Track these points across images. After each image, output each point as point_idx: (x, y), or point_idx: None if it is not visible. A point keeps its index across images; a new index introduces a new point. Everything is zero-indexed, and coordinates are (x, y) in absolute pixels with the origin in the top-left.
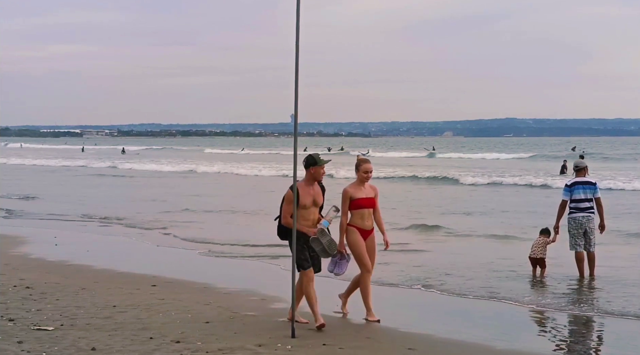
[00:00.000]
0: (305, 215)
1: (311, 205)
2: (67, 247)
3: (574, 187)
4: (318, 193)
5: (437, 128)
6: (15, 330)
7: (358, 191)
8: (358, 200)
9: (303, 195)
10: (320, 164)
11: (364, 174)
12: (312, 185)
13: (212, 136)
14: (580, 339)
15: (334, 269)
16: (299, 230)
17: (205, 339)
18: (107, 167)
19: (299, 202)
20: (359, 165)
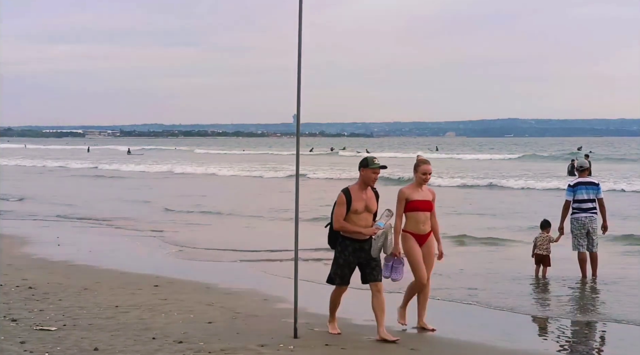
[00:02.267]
0: (356, 220)
1: (363, 210)
2: (70, 248)
3: (577, 188)
4: (371, 198)
5: (439, 128)
6: (17, 330)
7: (415, 193)
8: (414, 202)
9: (355, 200)
10: (370, 167)
11: (422, 176)
12: (364, 189)
13: (214, 137)
14: (583, 340)
15: (391, 275)
16: (356, 233)
17: (207, 339)
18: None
19: (350, 206)
20: (418, 166)
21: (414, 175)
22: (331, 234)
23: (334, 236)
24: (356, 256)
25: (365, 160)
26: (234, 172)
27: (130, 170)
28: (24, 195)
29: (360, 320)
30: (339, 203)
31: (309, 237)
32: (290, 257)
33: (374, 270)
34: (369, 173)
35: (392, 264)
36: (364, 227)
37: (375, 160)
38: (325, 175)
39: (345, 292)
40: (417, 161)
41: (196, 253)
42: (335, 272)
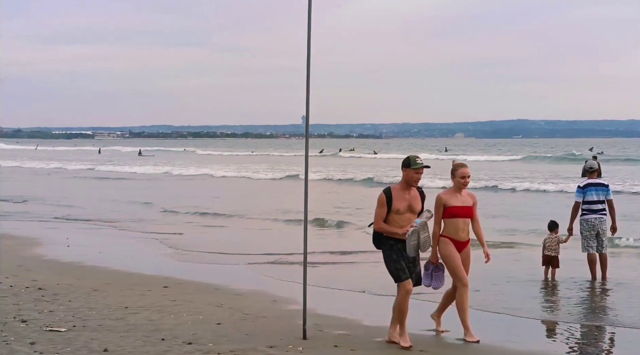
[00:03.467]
0: (399, 221)
1: (406, 210)
2: (79, 249)
3: (586, 189)
4: (415, 198)
5: (448, 129)
6: (27, 331)
7: (453, 198)
8: (452, 208)
9: (396, 199)
10: (413, 167)
11: (460, 180)
12: (408, 189)
13: (223, 138)
14: (593, 341)
15: (432, 283)
16: (391, 233)
17: (216, 340)
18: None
19: (392, 206)
20: (455, 170)
21: (451, 180)
22: (375, 234)
23: (378, 236)
24: (401, 256)
25: (407, 160)
26: (234, 173)
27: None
28: (34, 197)
29: (370, 321)
30: (379, 203)
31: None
32: (297, 260)
33: (414, 274)
34: (411, 173)
35: (432, 271)
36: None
37: (418, 160)
38: (316, 176)
39: (411, 294)
40: (454, 165)
41: (204, 254)
42: (396, 268)
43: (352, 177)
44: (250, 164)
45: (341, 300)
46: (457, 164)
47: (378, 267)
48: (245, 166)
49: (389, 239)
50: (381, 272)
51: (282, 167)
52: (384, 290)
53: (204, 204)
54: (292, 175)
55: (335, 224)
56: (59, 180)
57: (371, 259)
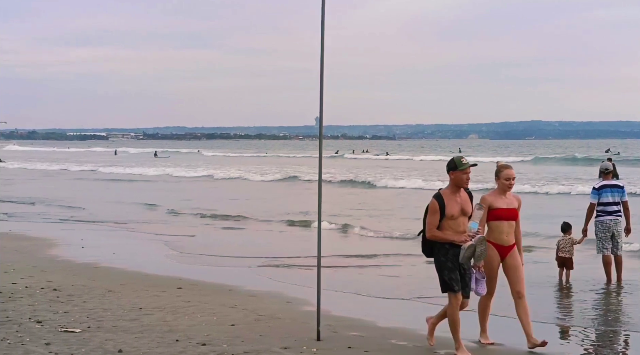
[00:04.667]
0: (453, 226)
1: (459, 214)
2: (94, 250)
3: (601, 190)
4: (465, 200)
5: (461, 131)
6: (43, 332)
7: (499, 200)
8: (497, 210)
9: (449, 205)
10: (461, 168)
11: (505, 181)
12: (457, 192)
13: (236, 139)
14: (608, 343)
15: (477, 288)
16: (448, 241)
17: (230, 341)
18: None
19: (445, 212)
20: (500, 172)
21: (495, 182)
22: (425, 242)
23: (430, 243)
24: (457, 264)
25: (453, 162)
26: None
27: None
28: (44, 198)
29: (385, 323)
30: (431, 210)
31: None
32: (309, 263)
33: (467, 285)
34: (459, 175)
35: (475, 275)
36: (461, 233)
37: (464, 160)
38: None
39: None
40: (498, 167)
41: (217, 255)
42: (450, 278)
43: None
44: (252, 165)
45: (355, 302)
46: (501, 165)
47: (386, 270)
48: (245, 167)
49: (444, 244)
50: (390, 275)
51: (284, 168)
52: (389, 293)
53: (209, 206)
54: (290, 177)
55: (340, 227)
56: (78, 183)
57: (384, 263)
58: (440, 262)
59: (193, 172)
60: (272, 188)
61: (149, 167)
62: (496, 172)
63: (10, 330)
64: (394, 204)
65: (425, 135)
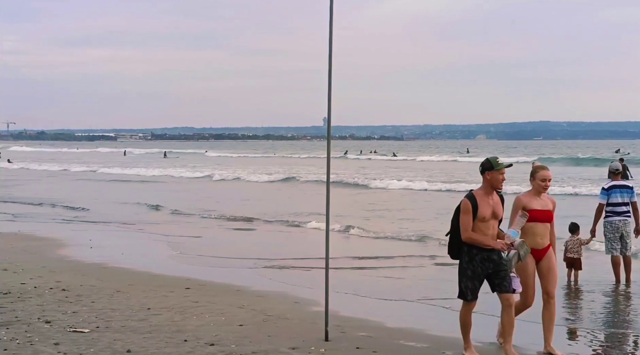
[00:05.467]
0: (483, 228)
1: (490, 217)
2: (102, 250)
3: (611, 191)
4: (497, 203)
5: (470, 131)
6: (51, 332)
7: (534, 201)
8: (532, 212)
9: (481, 206)
10: (497, 168)
11: (541, 182)
12: (490, 194)
13: (244, 139)
14: (617, 344)
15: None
16: (483, 243)
17: (239, 341)
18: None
19: (477, 213)
20: (535, 173)
21: (530, 183)
22: (452, 244)
23: (458, 245)
24: (485, 267)
25: (488, 162)
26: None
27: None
28: (50, 199)
29: (392, 323)
30: (463, 210)
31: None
32: (317, 265)
33: (504, 280)
34: (496, 175)
35: (516, 275)
36: (490, 236)
37: (500, 160)
38: (315, 177)
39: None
40: (534, 167)
41: (225, 255)
42: (466, 286)
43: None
44: (254, 166)
45: (363, 302)
46: (537, 166)
47: (388, 272)
48: (247, 168)
49: (472, 248)
50: (394, 277)
51: (285, 169)
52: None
53: (209, 206)
54: (288, 177)
55: (343, 228)
56: (83, 183)
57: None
58: (462, 268)
59: (192, 172)
60: (269, 189)
61: (154, 167)
62: (531, 173)
63: (19, 330)
64: (384, 204)
65: (433, 136)
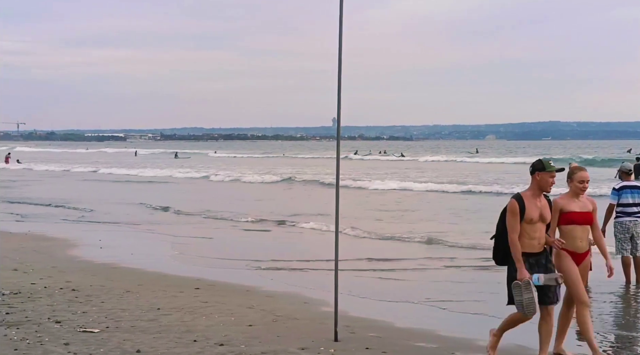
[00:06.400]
0: (530, 231)
1: (538, 220)
2: (112, 250)
3: (622, 191)
4: (545, 206)
5: (479, 131)
6: (62, 332)
7: (571, 203)
8: (570, 214)
9: (529, 207)
10: (548, 170)
11: (579, 184)
12: (538, 196)
13: (253, 140)
14: (627, 345)
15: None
16: (516, 257)
17: (248, 342)
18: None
19: (525, 215)
20: (573, 174)
21: (568, 184)
22: (498, 249)
23: (503, 251)
24: (534, 272)
25: (540, 163)
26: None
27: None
28: (56, 199)
29: (402, 324)
30: (510, 211)
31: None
32: (325, 266)
33: (549, 290)
34: (546, 177)
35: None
36: (537, 239)
37: (552, 163)
38: (311, 177)
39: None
40: (572, 168)
41: (234, 256)
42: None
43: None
44: (255, 167)
45: (372, 303)
46: (574, 167)
47: (391, 273)
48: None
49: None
50: (396, 279)
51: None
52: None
53: (210, 207)
54: (286, 178)
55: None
56: (88, 184)
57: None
58: (512, 276)
59: (191, 173)
60: (266, 190)
61: (161, 168)
62: (569, 174)
63: (29, 330)
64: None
65: (442, 136)
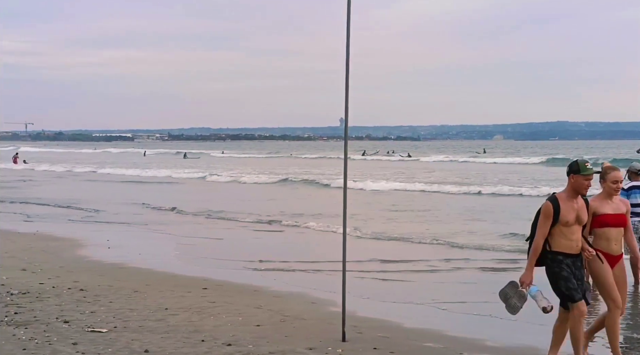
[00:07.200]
0: (567, 233)
1: (574, 222)
2: (119, 250)
3: (631, 191)
4: (582, 208)
5: (487, 131)
6: (70, 332)
7: (605, 205)
8: (603, 216)
9: (564, 210)
10: (584, 173)
11: (612, 185)
12: (575, 198)
13: (261, 140)
14: (637, 345)
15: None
16: (529, 263)
17: (256, 342)
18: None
19: (560, 217)
20: (606, 174)
21: (601, 185)
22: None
23: (542, 252)
24: (572, 273)
25: (576, 165)
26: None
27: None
28: (63, 200)
29: (410, 324)
30: (544, 214)
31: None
32: (333, 267)
33: (587, 290)
34: (580, 180)
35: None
36: (575, 241)
37: (588, 165)
38: (306, 177)
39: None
40: (604, 168)
41: (239, 257)
42: (568, 287)
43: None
44: (263, 167)
45: (379, 304)
46: (607, 167)
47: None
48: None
49: (557, 253)
50: (400, 280)
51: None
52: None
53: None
54: (284, 179)
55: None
56: (93, 184)
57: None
58: (554, 272)
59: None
60: (269, 190)
61: (169, 168)
62: (601, 175)
63: (38, 329)
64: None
65: (450, 136)
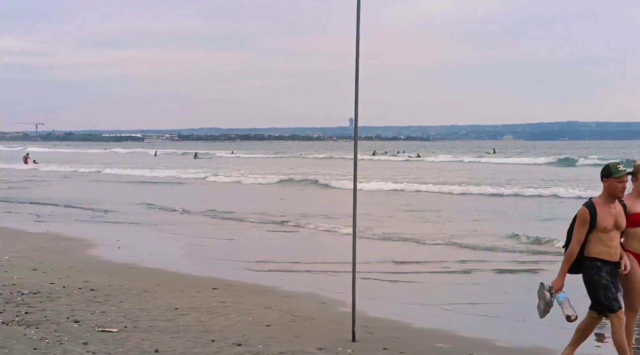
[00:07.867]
0: (605, 239)
1: (612, 228)
2: (129, 250)
3: None
4: (620, 213)
5: (497, 131)
6: (80, 331)
7: (636, 204)
8: (635, 215)
9: (601, 216)
10: (616, 176)
11: None
12: (611, 202)
13: (270, 140)
14: None
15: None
16: (562, 270)
17: (266, 342)
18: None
19: (597, 223)
20: (638, 172)
21: (632, 183)
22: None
23: (577, 260)
24: (611, 281)
25: (608, 169)
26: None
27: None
28: (71, 200)
29: (420, 324)
30: (580, 220)
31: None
32: (342, 268)
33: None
34: (614, 183)
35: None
36: (614, 248)
37: (620, 167)
38: (304, 177)
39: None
40: (637, 167)
41: (249, 258)
42: (606, 297)
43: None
44: (272, 167)
45: (389, 304)
46: (639, 165)
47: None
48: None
49: (595, 260)
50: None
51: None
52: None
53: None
54: (284, 180)
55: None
56: (99, 184)
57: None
58: (593, 280)
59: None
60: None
61: (178, 168)
62: (633, 173)
63: (48, 329)
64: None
65: (460, 136)
